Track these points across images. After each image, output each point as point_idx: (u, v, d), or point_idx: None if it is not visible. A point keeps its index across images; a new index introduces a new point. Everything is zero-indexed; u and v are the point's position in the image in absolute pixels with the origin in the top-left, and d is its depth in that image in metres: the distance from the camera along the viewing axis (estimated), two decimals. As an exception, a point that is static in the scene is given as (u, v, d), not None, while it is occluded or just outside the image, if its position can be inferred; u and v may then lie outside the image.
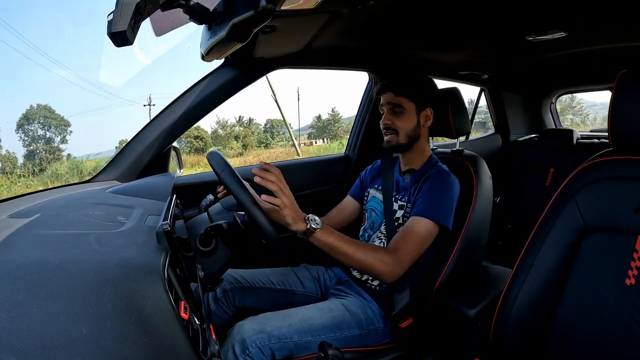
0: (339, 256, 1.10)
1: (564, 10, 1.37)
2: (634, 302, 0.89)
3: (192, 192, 1.59)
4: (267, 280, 1.40)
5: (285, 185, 1.07)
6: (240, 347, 1.07)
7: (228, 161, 1.14)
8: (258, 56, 1.48)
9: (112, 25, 0.65)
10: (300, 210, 1.07)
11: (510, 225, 2.68)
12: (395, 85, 1.35)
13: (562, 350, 0.99)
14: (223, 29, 0.79)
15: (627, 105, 0.95)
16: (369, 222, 1.45)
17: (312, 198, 1.95)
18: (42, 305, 0.49)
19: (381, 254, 1.14)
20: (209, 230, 0.97)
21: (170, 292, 0.62)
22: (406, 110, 1.34)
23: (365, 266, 1.12)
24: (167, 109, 1.46)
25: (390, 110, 1.35)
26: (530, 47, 1.84)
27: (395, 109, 1.34)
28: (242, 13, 0.74)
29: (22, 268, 0.56)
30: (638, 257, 0.90)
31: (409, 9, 1.30)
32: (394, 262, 1.14)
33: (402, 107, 1.34)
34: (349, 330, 1.20)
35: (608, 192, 0.97)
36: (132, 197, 1.12)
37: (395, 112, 1.35)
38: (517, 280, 1.06)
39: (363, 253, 1.11)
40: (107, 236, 0.74)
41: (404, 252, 1.16)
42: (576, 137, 2.60)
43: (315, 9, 1.06)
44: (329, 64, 1.83)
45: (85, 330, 0.47)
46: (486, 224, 1.39)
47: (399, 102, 1.34)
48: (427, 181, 1.30)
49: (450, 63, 2.13)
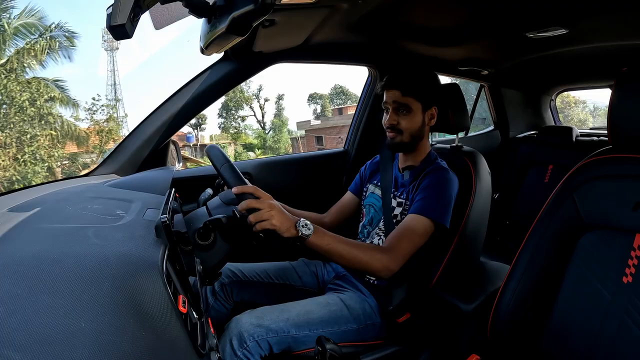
0: (333, 257, 1.10)
1: (564, 7, 1.37)
2: (630, 300, 0.90)
3: (191, 186, 1.59)
4: (266, 275, 1.41)
5: (267, 195, 1.05)
6: (238, 341, 1.07)
7: (227, 155, 1.14)
8: (257, 50, 1.47)
9: (111, 18, 0.64)
10: (289, 216, 1.04)
11: (508, 221, 2.69)
12: (402, 83, 1.31)
13: (559, 346, 0.99)
14: (223, 23, 0.79)
15: (626, 104, 0.95)
16: (368, 218, 1.45)
17: (310, 193, 1.95)
18: (40, 299, 0.50)
19: (375, 252, 1.15)
20: (208, 224, 0.96)
21: (168, 285, 0.62)
22: (412, 110, 1.31)
23: (360, 265, 1.13)
24: (166, 102, 1.46)
25: (396, 110, 1.32)
26: (530, 44, 1.84)
27: (401, 109, 1.31)
28: (242, 7, 0.73)
29: (21, 262, 0.56)
30: (635, 255, 0.90)
31: (408, 4, 1.30)
32: (388, 259, 1.14)
33: (408, 107, 1.31)
34: (346, 325, 1.20)
35: (606, 190, 0.98)
36: (130, 191, 1.12)
37: (400, 111, 1.32)
38: (514, 277, 1.07)
39: (357, 252, 1.11)
40: (106, 230, 0.74)
41: (398, 250, 1.17)
42: (575, 134, 2.60)
43: (315, 3, 1.06)
44: (328, 59, 1.83)
45: (84, 324, 0.47)
46: (485, 220, 1.40)
47: (406, 102, 1.30)
48: (425, 178, 1.29)
49: (450, 59, 2.13)
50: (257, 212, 0.99)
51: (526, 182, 2.69)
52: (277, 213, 1.01)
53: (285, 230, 1.01)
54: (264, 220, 0.99)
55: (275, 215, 1.00)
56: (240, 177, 1.09)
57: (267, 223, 0.99)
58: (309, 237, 1.04)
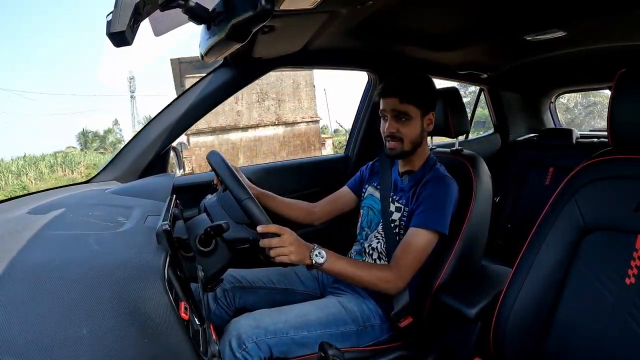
0: (345, 280, 1.18)
1: (562, 10, 1.37)
2: (634, 301, 0.89)
3: (191, 193, 1.59)
4: (268, 280, 1.40)
5: (287, 231, 1.08)
6: (237, 342, 1.07)
7: (228, 161, 1.15)
8: (257, 56, 1.47)
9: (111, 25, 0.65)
10: (302, 243, 1.09)
11: (509, 224, 2.68)
12: (400, 91, 1.29)
13: (562, 349, 0.99)
14: (222, 29, 0.79)
15: (626, 105, 0.95)
16: (366, 220, 1.45)
17: (310, 198, 1.95)
18: (42, 305, 0.49)
19: (383, 272, 1.19)
20: (209, 230, 0.96)
21: (170, 292, 0.62)
22: (412, 117, 1.29)
23: (370, 285, 1.19)
24: (166, 109, 1.46)
25: (395, 118, 1.30)
26: (529, 47, 1.84)
27: (400, 116, 1.30)
28: (242, 13, 0.74)
29: (22, 269, 0.56)
30: (638, 256, 0.90)
31: (407, 9, 1.30)
32: (396, 278, 1.19)
33: (407, 115, 1.29)
34: (345, 327, 1.21)
35: (608, 191, 0.98)
36: (131, 198, 1.12)
37: (400, 119, 1.30)
38: (516, 280, 1.06)
39: (366, 274, 1.17)
40: (107, 237, 0.74)
41: (405, 268, 1.20)
42: (575, 136, 2.60)
43: (314, 9, 1.06)
44: (328, 64, 1.83)
45: (86, 331, 0.47)
46: (486, 223, 1.39)
47: (405, 110, 1.28)
48: (425, 187, 1.28)
49: (449, 63, 2.13)
50: (278, 249, 1.05)
51: (527, 184, 2.68)
52: (296, 249, 1.06)
53: (299, 262, 1.07)
54: (283, 255, 1.05)
55: (294, 251, 1.06)
56: (240, 182, 1.10)
57: (285, 258, 1.05)
58: (322, 265, 1.10)
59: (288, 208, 1.50)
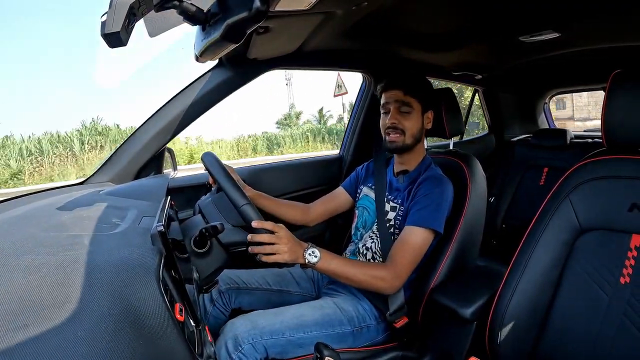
0: (340, 279, 1.17)
1: (556, 11, 1.38)
2: (628, 300, 0.90)
3: (186, 194, 1.59)
4: (263, 281, 1.40)
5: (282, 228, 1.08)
6: (233, 344, 1.07)
7: (222, 162, 1.14)
8: (252, 57, 1.47)
9: (105, 26, 0.64)
10: (296, 241, 1.09)
11: (504, 224, 2.69)
12: (404, 83, 1.32)
13: (557, 348, 0.99)
14: (217, 30, 0.79)
15: (620, 105, 0.96)
16: (361, 220, 1.45)
17: (305, 199, 1.95)
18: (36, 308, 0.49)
19: (379, 271, 1.18)
20: (204, 231, 0.96)
21: (165, 293, 0.62)
22: (414, 110, 1.32)
23: (366, 285, 1.18)
24: (160, 110, 1.45)
25: (398, 109, 1.32)
26: (523, 48, 1.85)
27: (402, 108, 1.31)
28: (236, 14, 0.74)
29: (16, 271, 0.56)
30: (632, 255, 0.91)
31: (402, 10, 1.30)
32: (392, 276, 1.18)
33: (410, 107, 1.31)
34: (340, 327, 1.21)
35: (602, 191, 0.98)
36: (126, 199, 1.12)
37: (402, 111, 1.31)
38: (512, 280, 1.07)
39: (362, 273, 1.16)
40: (102, 238, 0.74)
41: (401, 266, 1.19)
42: (570, 136, 2.62)
43: (309, 10, 1.06)
44: (323, 65, 1.83)
45: (81, 333, 0.47)
46: (480, 223, 1.40)
47: (408, 101, 1.31)
48: (420, 187, 1.29)
49: (444, 64, 2.14)
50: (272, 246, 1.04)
51: (521, 185, 2.70)
52: (290, 247, 1.06)
53: (292, 261, 1.07)
54: (277, 253, 1.05)
55: (288, 249, 1.05)
56: (235, 182, 1.09)
57: (279, 257, 1.05)
58: (315, 264, 1.10)
59: (283, 209, 1.50)
